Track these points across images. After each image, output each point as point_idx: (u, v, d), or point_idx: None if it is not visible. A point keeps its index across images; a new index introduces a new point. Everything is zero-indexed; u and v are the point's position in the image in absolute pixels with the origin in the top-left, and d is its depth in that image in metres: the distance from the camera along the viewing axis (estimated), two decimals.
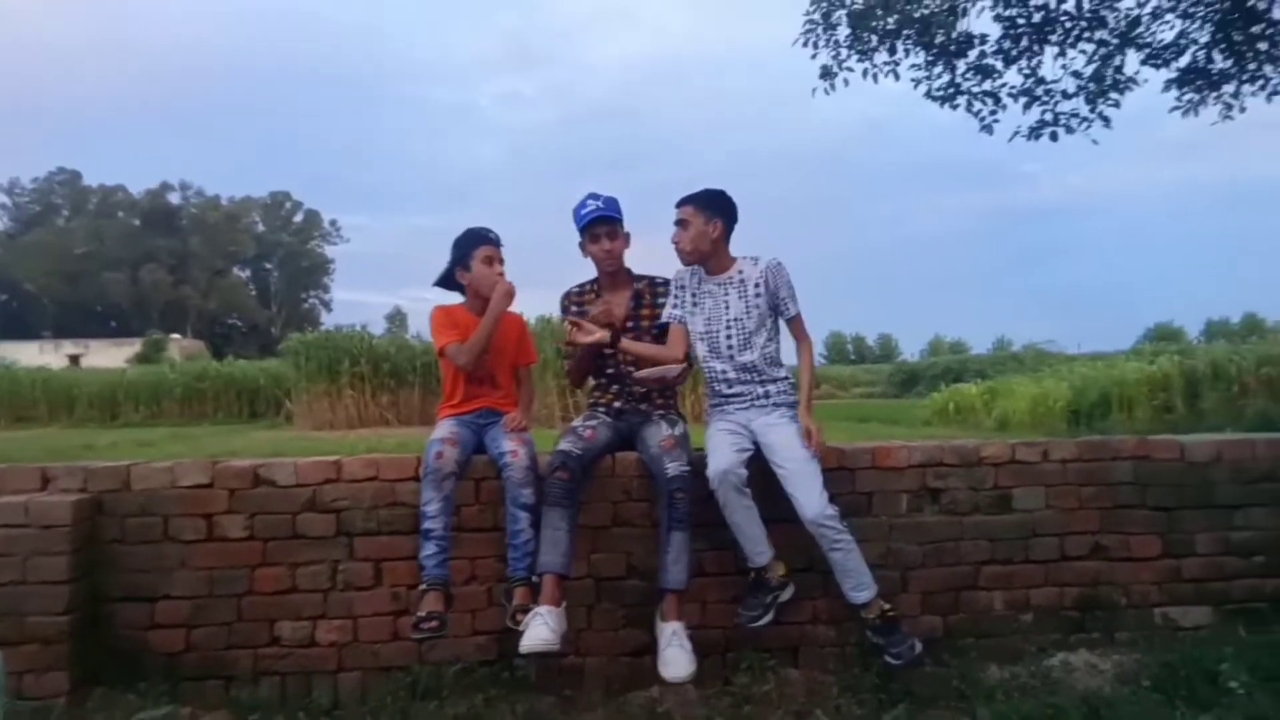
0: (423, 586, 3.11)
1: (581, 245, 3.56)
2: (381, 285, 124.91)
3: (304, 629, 3.27)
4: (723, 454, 3.19)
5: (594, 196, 3.51)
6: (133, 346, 44.61)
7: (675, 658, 3.02)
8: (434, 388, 20.25)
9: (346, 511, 3.31)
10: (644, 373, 3.34)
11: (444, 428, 3.33)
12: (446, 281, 3.63)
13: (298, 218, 75.51)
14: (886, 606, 3.23)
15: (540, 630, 2.95)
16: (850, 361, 63.57)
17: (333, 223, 76.64)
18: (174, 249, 65.03)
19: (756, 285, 3.43)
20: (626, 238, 3.57)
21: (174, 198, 69.19)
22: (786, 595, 3.29)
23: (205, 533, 3.26)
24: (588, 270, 3.67)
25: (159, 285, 62.65)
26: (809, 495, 3.15)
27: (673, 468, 3.17)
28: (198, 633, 3.23)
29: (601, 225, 3.48)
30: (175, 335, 50.76)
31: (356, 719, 3.11)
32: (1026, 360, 26.50)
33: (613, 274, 3.57)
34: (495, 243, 3.54)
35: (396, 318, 67.09)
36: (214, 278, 67.09)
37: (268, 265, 73.54)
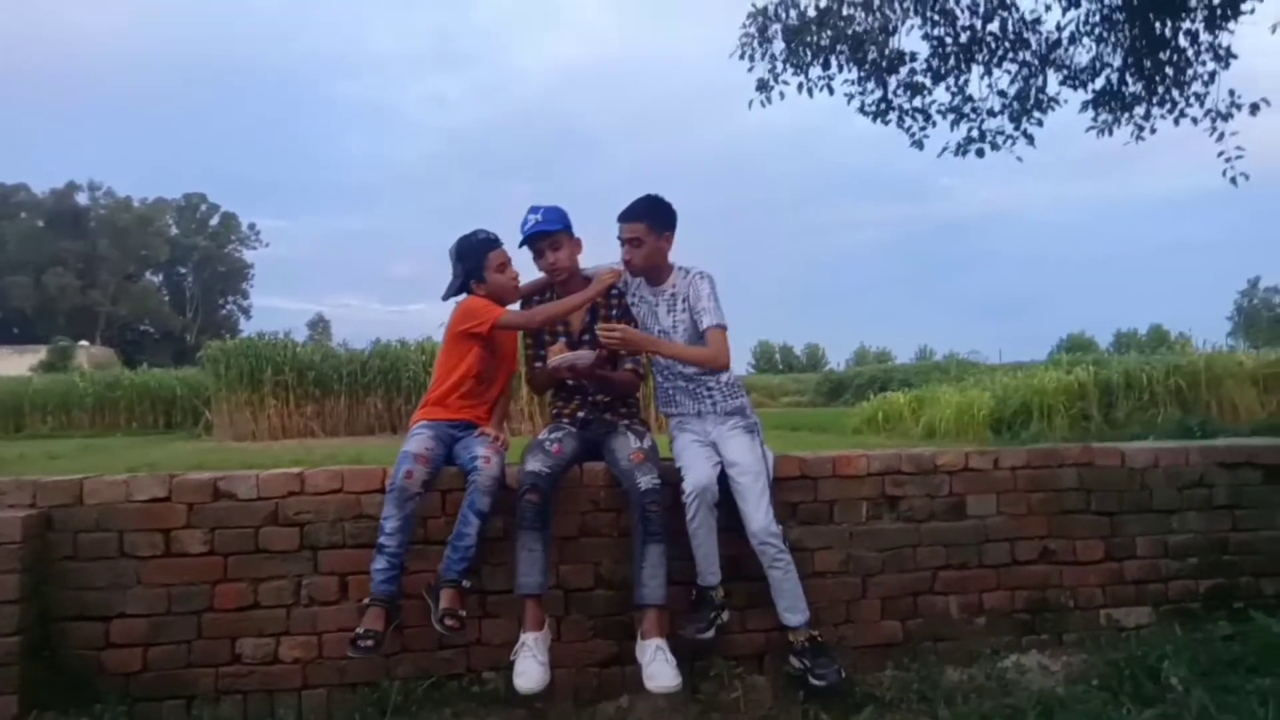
0: (366, 600, 3.07)
1: (534, 258, 3.55)
2: (303, 291, 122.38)
3: (267, 646, 3.19)
4: (700, 469, 3.24)
5: (534, 210, 3.48)
6: (37, 354, 42.58)
7: (661, 670, 3.03)
8: (360, 397, 19.90)
9: (310, 525, 3.25)
10: (555, 359, 3.33)
11: (420, 439, 3.28)
12: (455, 294, 3.57)
13: (214, 220, 73.17)
14: (815, 633, 3.29)
15: (531, 665, 3.00)
16: (778, 371, 64.50)
17: (251, 226, 74.59)
18: (81, 252, 62.33)
19: (683, 299, 3.48)
20: (577, 243, 3.57)
21: (81, 198, 66.34)
22: (725, 617, 3.35)
23: (163, 548, 3.16)
24: (524, 275, 3.66)
25: (65, 290, 59.97)
26: (756, 510, 3.22)
27: (645, 481, 3.19)
28: (155, 651, 3.13)
29: (541, 240, 3.47)
30: (83, 342, 48.61)
31: None
32: (950, 369, 27.27)
33: (564, 283, 3.56)
34: (500, 244, 3.53)
35: (319, 325, 65.71)
36: (124, 282, 64.53)
37: (182, 270, 71.09)
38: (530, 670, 2.99)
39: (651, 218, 3.48)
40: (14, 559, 2.91)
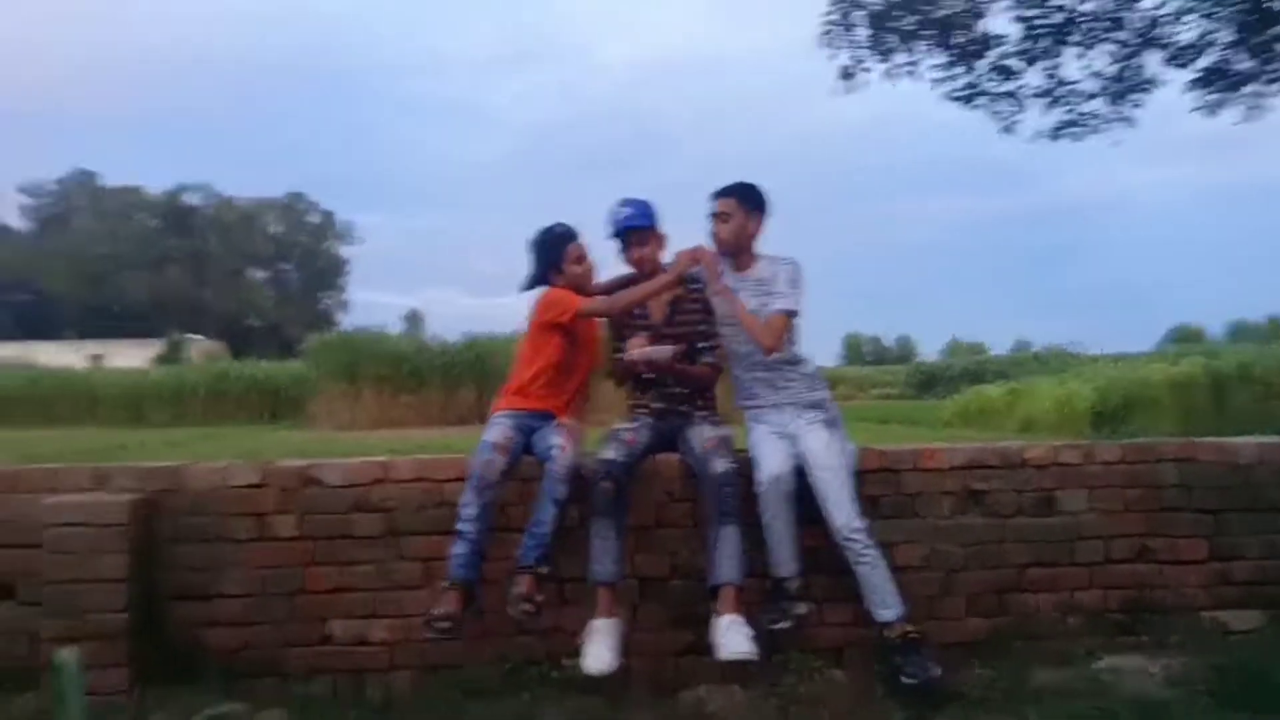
0: (445, 584, 3.14)
1: (619, 251, 3.56)
2: (396, 285, 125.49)
3: (355, 627, 3.30)
4: (774, 460, 3.22)
5: (626, 203, 3.49)
6: (153, 347, 44.92)
7: (734, 638, 3.01)
8: (454, 389, 20.35)
9: (395, 511, 3.34)
10: (633, 354, 3.33)
11: (499, 429, 3.34)
12: (532, 286, 3.61)
13: (314, 218, 75.88)
14: (910, 629, 3.21)
15: (601, 650, 3.03)
16: (867, 363, 63.37)
17: (348, 223, 77.08)
18: (192, 250, 65.45)
19: (765, 285, 3.45)
20: (661, 240, 3.57)
21: (191, 198, 69.63)
22: (802, 610, 3.31)
23: (257, 532, 3.30)
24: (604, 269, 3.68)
25: (178, 286, 63.08)
26: (838, 506, 3.17)
27: (719, 465, 3.19)
28: (252, 630, 3.27)
29: (631, 234, 3.48)
30: (195, 336, 51.08)
31: (408, 717, 3.13)
32: (1048, 361, 26.33)
33: (649, 276, 3.57)
34: (578, 236, 3.56)
35: (414, 318, 67.37)
36: (232, 278, 67.50)
37: (285, 266, 73.91)
38: (599, 653, 3.02)
39: (743, 195, 3.48)
40: (122, 539, 3.08)
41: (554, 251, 3.53)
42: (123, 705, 2.91)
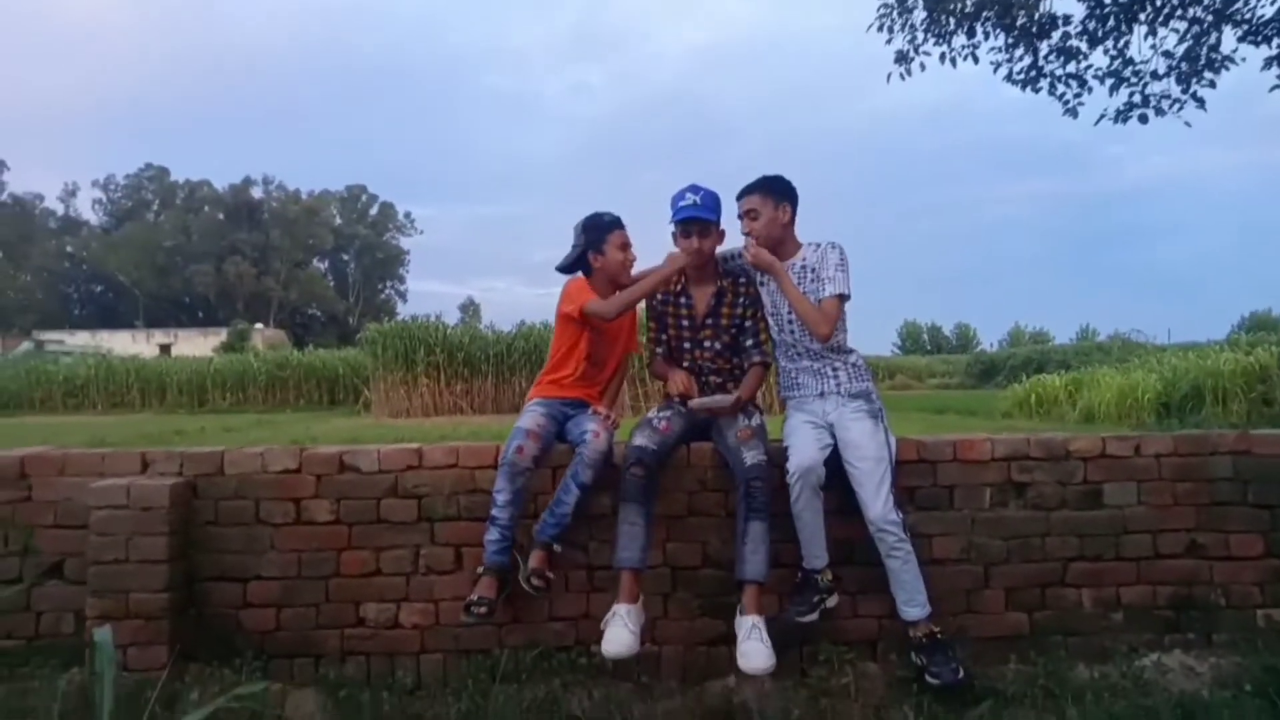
0: (480, 570, 3.19)
1: (674, 233, 3.51)
2: (454, 275, 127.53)
3: (388, 611, 3.35)
4: (806, 450, 3.17)
5: (694, 190, 3.44)
6: (219, 336, 46.28)
7: (754, 650, 3.00)
8: (506, 377, 20.56)
9: (428, 498, 3.38)
10: (696, 402, 3.33)
11: (532, 416, 3.36)
12: (571, 268, 3.61)
13: (373, 210, 77.25)
14: (936, 629, 3.16)
15: (621, 633, 3.02)
16: (926, 352, 62.36)
17: (407, 215, 78.35)
18: (256, 242, 67.13)
19: (814, 271, 3.39)
20: (721, 235, 3.54)
21: (256, 192, 71.39)
22: (832, 602, 3.27)
23: (294, 516, 3.36)
24: (658, 257, 3.63)
25: (243, 277, 64.76)
26: (874, 496, 3.12)
27: (750, 457, 3.16)
28: (287, 612, 3.33)
29: (694, 224, 3.42)
30: (259, 325, 52.48)
31: (438, 699, 3.17)
32: (1113, 350, 25.56)
33: (699, 268, 3.54)
34: (624, 228, 3.57)
35: (469, 308, 68.31)
36: (294, 269, 69.08)
37: (345, 257, 75.44)
38: (620, 637, 3.01)
39: (766, 189, 3.43)
40: (163, 523, 3.16)
41: (599, 233, 3.52)
42: (161, 682, 2.98)
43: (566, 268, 3.61)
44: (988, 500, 3.43)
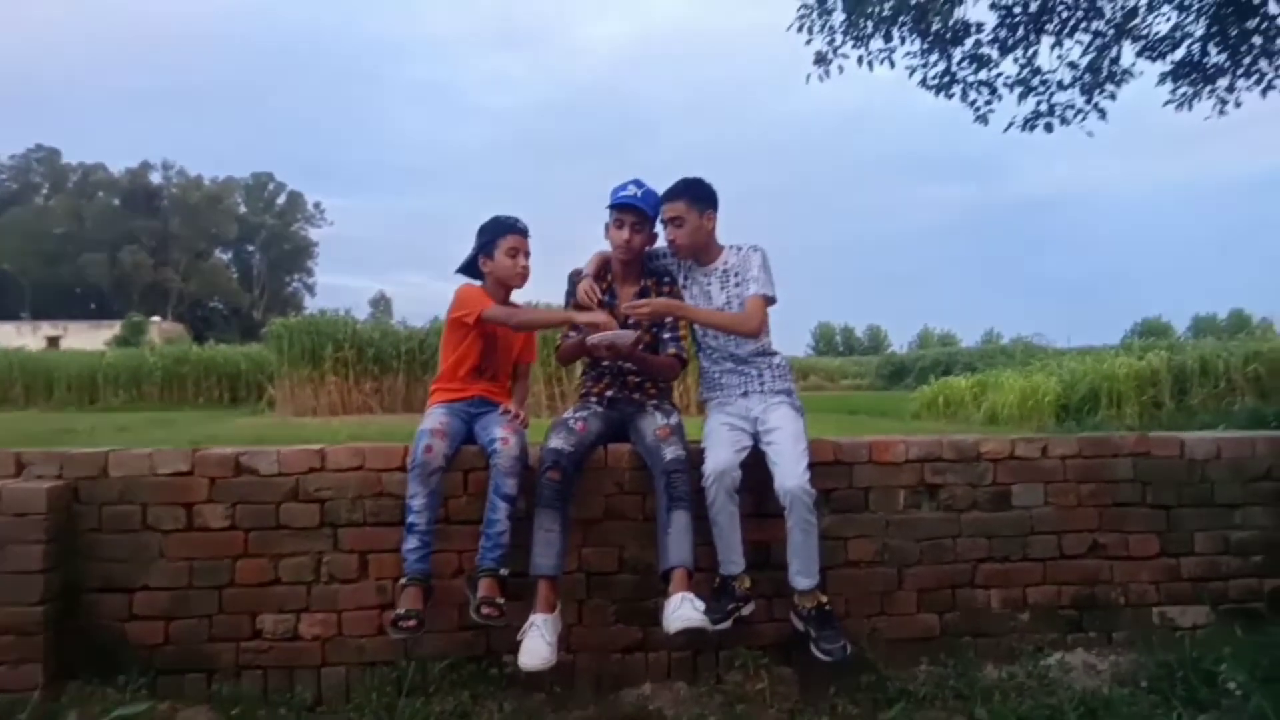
0: (403, 581, 3.05)
1: (607, 225, 3.45)
2: (365, 269, 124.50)
3: (287, 622, 3.18)
4: (722, 452, 3.14)
5: (637, 183, 3.42)
6: (112, 329, 44.03)
7: (686, 612, 2.88)
8: (418, 375, 20.09)
9: (331, 502, 3.22)
10: (594, 338, 3.20)
11: (434, 417, 3.24)
12: (469, 269, 3.54)
13: (280, 199, 74.82)
14: (824, 599, 3.15)
15: (538, 645, 2.92)
16: (838, 353, 63.74)
17: (316, 205, 76.11)
18: (155, 230, 64.28)
19: (736, 274, 3.41)
20: (652, 237, 3.51)
21: (155, 177, 68.38)
22: (747, 610, 3.23)
23: (185, 522, 3.16)
24: (580, 256, 3.59)
25: (139, 267, 61.95)
26: (793, 465, 3.10)
27: (669, 452, 3.12)
28: (177, 625, 3.14)
29: (631, 214, 3.38)
30: (155, 318, 50.13)
31: (340, 715, 3.03)
32: (1015, 354, 26.52)
33: (626, 263, 3.49)
34: (523, 233, 3.47)
35: (381, 302, 66.78)
36: (195, 260, 66.44)
37: (250, 248, 72.84)
38: (536, 649, 2.91)
39: (690, 195, 3.41)
40: (39, 529, 2.93)
41: (490, 237, 3.44)
42: (35, 703, 2.76)
43: (464, 269, 3.55)
44: (902, 502, 3.46)
